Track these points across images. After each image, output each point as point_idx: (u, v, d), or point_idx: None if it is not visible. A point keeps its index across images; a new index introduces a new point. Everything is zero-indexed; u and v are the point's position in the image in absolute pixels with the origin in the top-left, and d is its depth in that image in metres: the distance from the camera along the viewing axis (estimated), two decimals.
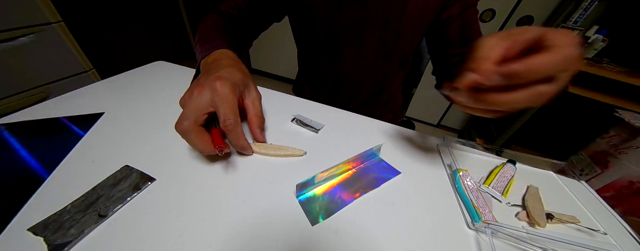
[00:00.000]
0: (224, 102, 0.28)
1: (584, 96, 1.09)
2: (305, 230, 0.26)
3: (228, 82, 0.29)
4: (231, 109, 0.28)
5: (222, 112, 0.28)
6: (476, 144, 0.42)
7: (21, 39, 0.90)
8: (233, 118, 0.28)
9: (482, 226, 0.27)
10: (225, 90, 0.28)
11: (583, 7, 1.21)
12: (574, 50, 0.18)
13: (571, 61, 0.19)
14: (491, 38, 0.21)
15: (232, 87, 0.29)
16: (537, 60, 0.18)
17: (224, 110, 0.28)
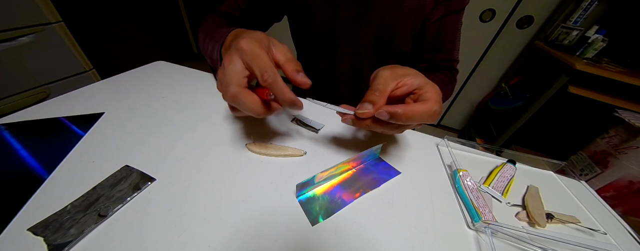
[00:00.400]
0: (254, 57, 0.26)
1: (584, 96, 1.09)
2: (305, 230, 0.26)
3: (252, 40, 0.27)
4: (265, 62, 0.26)
5: (257, 68, 0.26)
6: (476, 144, 0.42)
7: (21, 39, 0.90)
8: (270, 70, 0.26)
9: (482, 226, 0.27)
10: (250, 46, 0.26)
11: (583, 7, 1.21)
12: (439, 108, 0.27)
13: (434, 116, 0.27)
14: (385, 72, 0.30)
15: (258, 43, 0.27)
16: (415, 109, 0.26)
17: (258, 65, 0.26)
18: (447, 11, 0.48)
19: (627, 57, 1.12)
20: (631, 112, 1.00)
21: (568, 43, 1.21)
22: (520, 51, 1.54)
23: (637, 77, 0.98)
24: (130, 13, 1.69)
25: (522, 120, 1.30)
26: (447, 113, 1.97)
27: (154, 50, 1.96)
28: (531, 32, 1.46)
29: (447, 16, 0.48)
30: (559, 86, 1.13)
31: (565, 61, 1.10)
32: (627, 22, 1.15)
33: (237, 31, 0.35)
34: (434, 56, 0.53)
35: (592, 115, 1.24)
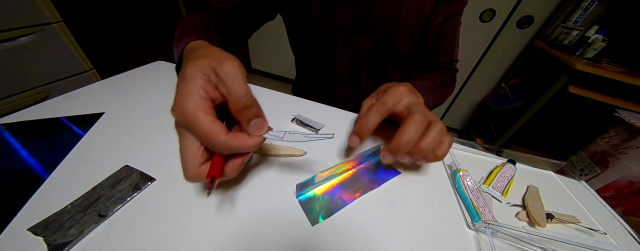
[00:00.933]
0: (194, 130, 0.20)
1: (584, 96, 1.09)
2: (305, 230, 0.26)
3: (183, 104, 0.20)
4: (202, 132, 0.20)
5: (204, 142, 0.21)
6: (476, 144, 0.42)
7: (21, 39, 0.90)
8: (211, 141, 0.20)
9: (482, 226, 0.27)
10: (186, 116, 0.20)
11: (583, 7, 1.21)
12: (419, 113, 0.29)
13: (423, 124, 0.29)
14: (369, 103, 0.36)
15: (192, 103, 0.20)
16: (403, 134, 0.28)
17: (202, 138, 0.21)
18: (448, 14, 0.48)
19: (627, 57, 1.12)
20: (631, 112, 1.00)
21: (568, 43, 1.21)
22: (520, 51, 1.54)
23: (637, 77, 0.98)
24: (130, 13, 1.69)
25: (522, 120, 1.30)
26: (447, 113, 1.97)
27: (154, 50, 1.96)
28: (531, 32, 1.46)
29: (448, 19, 0.48)
30: (559, 86, 1.13)
31: (565, 61, 1.10)
32: (627, 22, 1.15)
33: (186, 56, 0.28)
34: (434, 58, 0.53)
35: (592, 115, 1.24)
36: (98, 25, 1.50)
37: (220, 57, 0.23)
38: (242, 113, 0.22)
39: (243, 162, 0.24)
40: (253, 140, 0.22)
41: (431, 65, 0.54)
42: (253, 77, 2.48)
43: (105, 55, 1.56)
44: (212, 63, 0.22)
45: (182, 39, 0.34)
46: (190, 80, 0.21)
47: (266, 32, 0.58)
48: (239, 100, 0.21)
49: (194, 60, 0.22)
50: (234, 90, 0.21)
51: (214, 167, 0.22)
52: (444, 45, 0.51)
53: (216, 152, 0.22)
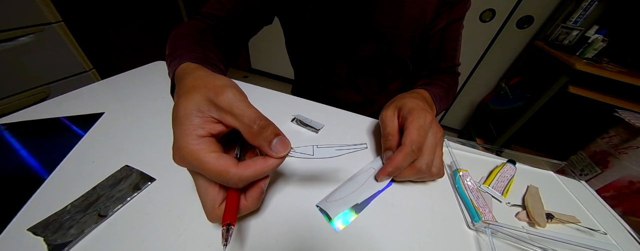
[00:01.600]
0: (205, 172, 0.19)
1: (584, 96, 1.09)
2: (306, 230, 0.26)
3: (183, 147, 0.19)
4: (213, 173, 0.19)
5: (216, 181, 0.20)
6: (476, 144, 0.42)
7: (21, 39, 0.90)
8: (225, 180, 0.19)
9: (482, 226, 0.27)
10: (187, 161, 0.19)
11: (583, 7, 1.21)
12: (414, 150, 0.30)
13: (412, 156, 0.30)
14: (387, 113, 0.35)
15: (189, 145, 0.19)
16: (396, 160, 0.29)
17: (214, 178, 0.20)
18: (450, 20, 0.47)
19: (627, 57, 1.13)
20: (631, 112, 1.00)
21: (568, 43, 1.21)
22: (520, 51, 1.54)
23: (637, 77, 0.98)
24: (131, 13, 1.69)
25: (522, 120, 1.30)
26: (447, 113, 1.97)
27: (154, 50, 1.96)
28: (531, 32, 1.46)
29: (451, 24, 0.48)
30: (559, 86, 1.13)
31: (565, 61, 1.10)
32: (627, 22, 1.15)
33: (177, 83, 0.26)
34: (437, 63, 0.53)
35: (592, 115, 1.24)
36: (98, 25, 1.50)
37: (216, 86, 0.21)
38: (260, 137, 0.20)
39: (262, 191, 0.22)
40: (271, 163, 0.21)
41: (433, 70, 0.54)
42: (253, 77, 2.48)
43: (105, 55, 1.56)
44: (208, 95, 0.20)
45: (174, 58, 0.31)
46: (184, 121, 0.20)
47: (266, 33, 0.58)
48: (252, 124, 0.20)
49: (185, 95, 0.21)
50: (243, 116, 0.20)
51: (228, 209, 0.20)
52: (447, 50, 0.51)
53: (231, 186, 0.20)
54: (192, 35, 0.37)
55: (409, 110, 0.32)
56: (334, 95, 0.63)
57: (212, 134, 0.20)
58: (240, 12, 0.46)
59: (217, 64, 0.34)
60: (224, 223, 0.19)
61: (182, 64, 0.28)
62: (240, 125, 0.20)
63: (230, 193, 0.21)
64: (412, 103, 0.33)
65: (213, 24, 0.44)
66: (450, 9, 0.47)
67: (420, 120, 0.31)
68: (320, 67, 0.59)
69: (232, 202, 0.20)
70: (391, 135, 0.33)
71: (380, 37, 0.49)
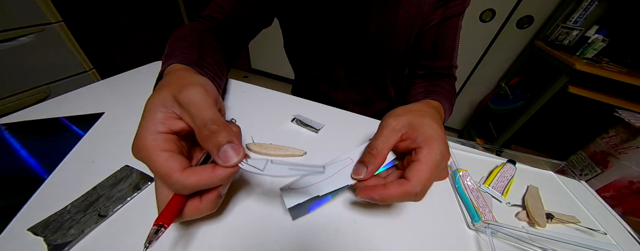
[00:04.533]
0: (152, 170, 0.19)
1: (584, 96, 1.09)
2: (306, 230, 0.26)
3: (139, 139, 0.19)
4: (160, 173, 0.18)
5: (162, 183, 0.19)
6: (476, 144, 0.42)
7: (21, 38, 0.90)
8: (170, 183, 0.18)
9: (482, 226, 0.27)
10: (139, 156, 0.19)
11: (583, 7, 1.21)
12: (422, 188, 0.23)
13: (416, 197, 0.23)
14: (391, 121, 0.27)
15: (145, 140, 0.19)
16: (389, 193, 0.23)
17: (160, 180, 0.19)
18: (445, 15, 0.46)
19: (627, 57, 1.13)
20: (631, 112, 1.00)
21: (568, 43, 1.21)
22: (520, 51, 1.54)
23: (637, 77, 0.98)
24: (131, 13, 1.69)
25: (522, 120, 1.30)
26: None
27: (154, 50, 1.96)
28: (531, 32, 1.46)
29: (446, 20, 0.47)
30: (559, 86, 1.13)
31: (565, 61, 1.10)
32: (627, 22, 1.15)
33: (158, 87, 0.24)
34: (432, 62, 0.51)
35: (592, 115, 1.24)
36: (98, 25, 1.50)
37: (183, 84, 0.21)
38: (208, 141, 0.19)
39: (218, 195, 0.21)
40: (219, 173, 0.19)
41: (430, 70, 0.51)
42: (253, 77, 2.48)
43: (105, 55, 1.56)
44: (173, 92, 0.20)
45: (168, 58, 0.32)
46: (147, 115, 0.20)
47: (266, 33, 0.58)
48: (203, 126, 0.19)
49: (157, 91, 0.21)
50: (198, 116, 0.19)
51: (166, 211, 0.18)
52: (443, 48, 0.49)
53: (175, 191, 0.19)
54: (192, 37, 0.38)
55: (425, 138, 0.25)
56: (333, 96, 0.63)
57: (173, 131, 0.20)
58: (239, 15, 0.47)
59: (210, 67, 0.34)
60: (155, 223, 0.17)
61: (171, 65, 0.29)
62: (193, 125, 0.20)
63: (174, 196, 0.19)
64: (430, 129, 0.25)
65: (213, 26, 0.45)
66: (445, 4, 0.46)
67: (437, 156, 0.24)
68: (318, 68, 0.59)
69: (173, 204, 0.19)
70: (378, 151, 0.26)
71: (377, 37, 0.49)
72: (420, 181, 0.22)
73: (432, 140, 0.24)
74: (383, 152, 0.26)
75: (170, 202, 0.19)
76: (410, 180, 0.23)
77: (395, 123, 0.26)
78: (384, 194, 0.23)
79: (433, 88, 0.46)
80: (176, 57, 0.31)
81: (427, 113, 0.29)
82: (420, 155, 0.24)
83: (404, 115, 0.27)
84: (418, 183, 0.22)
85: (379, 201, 0.23)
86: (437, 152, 0.24)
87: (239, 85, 0.52)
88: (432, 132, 0.25)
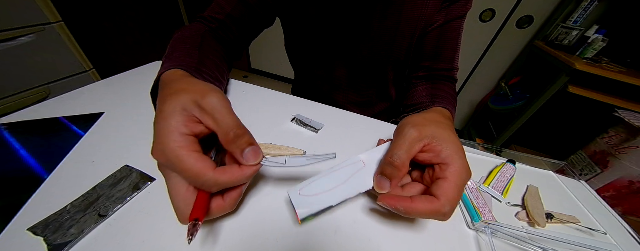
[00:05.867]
0: (180, 170, 0.19)
1: (584, 96, 1.09)
2: (306, 230, 0.26)
3: (165, 142, 0.20)
4: (190, 172, 0.19)
5: (191, 182, 0.21)
6: (476, 144, 0.42)
7: (21, 39, 0.90)
8: (201, 181, 0.20)
9: (482, 226, 0.27)
10: (169, 156, 0.19)
11: (583, 7, 1.21)
12: (450, 208, 0.22)
13: (443, 217, 0.23)
14: (413, 132, 0.25)
15: (174, 142, 0.19)
16: (418, 208, 0.22)
17: (189, 179, 0.20)
18: (449, 17, 0.46)
19: (627, 57, 1.13)
20: (631, 112, 1.00)
21: (568, 43, 1.21)
22: (520, 51, 1.54)
23: (637, 77, 0.98)
24: (131, 13, 1.69)
25: (522, 120, 1.30)
26: None
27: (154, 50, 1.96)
28: (531, 32, 1.46)
29: (450, 22, 0.47)
30: (559, 86, 1.13)
31: (565, 61, 1.10)
32: (627, 22, 1.15)
33: (160, 90, 0.26)
34: (434, 64, 0.50)
35: (592, 115, 1.24)
36: (98, 25, 1.50)
37: (203, 90, 0.22)
38: (234, 144, 0.21)
39: (240, 193, 0.23)
40: (246, 171, 0.21)
41: (431, 72, 0.51)
42: (253, 77, 2.48)
43: (105, 55, 1.56)
44: (194, 97, 0.21)
45: (171, 58, 0.32)
46: (169, 117, 0.20)
47: (266, 33, 0.58)
48: (229, 131, 0.21)
49: (173, 96, 0.22)
50: (223, 121, 0.21)
51: (197, 207, 0.20)
52: (445, 50, 0.49)
53: (205, 190, 0.21)
54: (193, 39, 0.38)
55: (451, 154, 0.24)
56: (333, 97, 0.63)
57: (195, 134, 0.21)
58: (240, 15, 0.46)
59: (210, 72, 0.35)
60: (191, 218, 0.19)
61: (172, 69, 0.29)
62: (219, 129, 0.21)
63: (201, 193, 0.21)
64: (455, 146, 0.25)
65: (214, 26, 0.45)
66: (449, 6, 0.46)
67: (464, 175, 0.24)
68: (319, 69, 0.59)
69: (202, 200, 0.20)
70: (402, 163, 0.24)
71: (379, 38, 0.49)
72: (449, 201, 0.22)
73: (459, 157, 0.24)
74: (406, 164, 0.25)
75: (199, 199, 0.20)
76: (440, 198, 0.22)
77: (418, 134, 0.25)
78: (411, 208, 0.22)
79: (437, 93, 0.46)
80: (176, 60, 0.31)
81: (448, 127, 0.28)
82: (448, 173, 0.23)
83: (427, 126, 0.26)
84: (447, 203, 0.22)
85: (403, 214, 0.23)
86: (464, 170, 0.24)
87: (239, 85, 0.52)
88: (457, 148, 0.25)
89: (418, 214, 0.23)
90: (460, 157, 0.24)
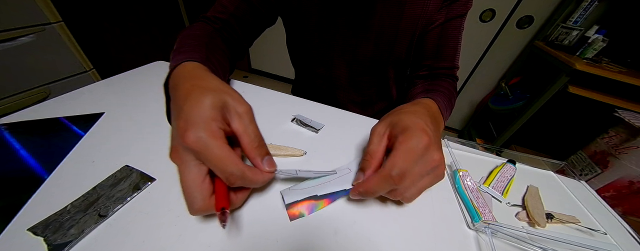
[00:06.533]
0: (210, 157, 0.20)
1: (584, 96, 1.09)
2: (306, 230, 0.26)
3: (200, 127, 0.20)
4: (223, 161, 0.20)
5: (220, 171, 0.21)
6: (476, 144, 0.42)
7: (21, 38, 0.90)
8: (232, 169, 0.21)
9: (482, 226, 0.27)
10: (202, 142, 0.20)
11: (583, 7, 1.21)
12: (395, 176, 0.24)
13: (392, 183, 0.24)
14: (379, 127, 0.29)
15: (208, 130, 0.21)
16: (368, 184, 0.25)
17: (221, 168, 0.21)
18: (449, 16, 0.46)
19: (627, 57, 1.13)
20: (631, 112, 1.00)
21: (568, 43, 1.21)
22: (520, 51, 1.54)
23: (637, 77, 0.98)
24: (131, 13, 1.69)
25: (522, 120, 1.30)
26: None
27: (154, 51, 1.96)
28: (531, 32, 1.46)
29: (450, 21, 0.47)
30: (559, 86, 1.13)
31: (565, 61, 1.10)
32: (627, 22, 1.15)
33: (178, 79, 0.27)
34: (435, 62, 0.50)
35: (592, 115, 1.24)
36: (98, 25, 1.50)
37: (231, 92, 0.24)
38: (256, 151, 0.24)
39: (249, 193, 0.26)
40: (266, 176, 0.24)
41: (431, 70, 0.51)
42: (253, 77, 2.48)
43: (105, 55, 1.56)
44: (228, 100, 0.23)
45: (180, 52, 0.33)
46: (207, 108, 0.21)
47: (266, 33, 0.58)
48: (255, 138, 0.24)
49: (203, 90, 0.23)
50: (251, 129, 0.23)
51: (222, 197, 0.21)
52: (446, 49, 0.49)
53: (228, 181, 0.21)
54: (201, 37, 0.39)
55: (402, 128, 0.26)
56: (334, 96, 0.63)
57: (224, 131, 0.22)
58: (243, 15, 0.47)
59: (215, 70, 0.35)
60: (218, 208, 0.20)
61: (191, 61, 0.30)
62: (246, 134, 0.23)
63: (220, 182, 0.22)
64: (408, 121, 0.27)
65: (218, 26, 0.45)
66: (450, 4, 0.46)
67: (412, 142, 0.25)
68: (320, 67, 0.59)
69: (224, 191, 0.22)
70: (371, 155, 0.28)
71: (380, 36, 0.49)
72: (394, 164, 0.24)
73: (407, 129, 0.26)
74: (377, 156, 0.28)
75: (221, 191, 0.22)
76: (385, 166, 0.25)
77: (380, 128, 0.29)
78: (366, 185, 0.25)
79: (432, 87, 0.46)
80: (187, 53, 0.32)
81: (407, 109, 0.31)
82: (397, 143, 0.26)
83: (386, 118, 0.30)
84: (392, 167, 0.24)
85: (366, 194, 0.26)
86: (413, 137, 0.25)
87: (239, 85, 0.52)
88: (409, 122, 0.27)
89: (373, 187, 0.25)
90: (410, 128, 0.26)
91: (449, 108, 0.43)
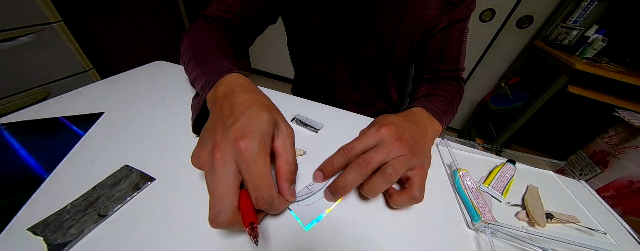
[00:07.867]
0: (254, 171, 0.20)
1: (584, 96, 1.09)
2: (304, 231, 0.26)
3: (256, 137, 0.21)
4: (264, 180, 0.21)
5: (254, 188, 0.21)
6: (476, 144, 0.42)
7: (21, 38, 0.91)
8: (267, 193, 0.21)
9: (482, 226, 0.27)
10: (253, 152, 0.20)
11: (583, 7, 1.21)
12: (417, 195, 0.27)
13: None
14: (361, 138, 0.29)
15: (262, 142, 0.21)
16: (399, 201, 0.28)
17: (258, 185, 0.20)
18: (452, 19, 0.46)
19: (627, 57, 1.13)
20: (631, 112, 1.00)
21: (568, 43, 1.21)
22: (520, 51, 1.54)
23: (637, 77, 0.98)
24: (130, 13, 1.69)
25: (522, 120, 1.30)
26: None
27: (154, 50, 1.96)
28: (531, 32, 1.46)
29: (454, 24, 0.47)
30: (559, 86, 1.13)
31: (565, 61, 1.10)
32: (627, 22, 1.15)
33: (233, 87, 0.27)
34: (438, 65, 0.50)
35: (592, 115, 1.24)
36: (98, 25, 1.50)
37: (283, 118, 0.26)
38: (289, 175, 0.24)
39: (264, 216, 0.26)
40: (285, 206, 0.24)
41: (436, 73, 0.51)
42: (253, 77, 2.47)
43: (105, 55, 1.56)
44: (279, 120, 0.24)
45: (206, 59, 0.34)
46: (265, 123, 0.22)
47: (266, 33, 0.58)
48: (292, 162, 0.24)
49: (266, 106, 0.24)
50: (291, 152, 0.24)
51: (250, 211, 0.20)
52: (449, 52, 0.49)
53: (256, 201, 0.21)
54: (214, 41, 0.40)
55: (373, 123, 0.30)
56: (334, 96, 0.63)
57: None
58: (248, 14, 0.46)
59: None
60: (246, 224, 0.19)
61: (235, 72, 0.30)
62: (285, 156, 0.24)
63: (247, 197, 0.21)
64: (387, 119, 0.30)
65: (222, 27, 0.45)
66: (452, 8, 0.45)
67: (368, 129, 0.29)
68: (320, 67, 0.59)
69: (251, 206, 0.21)
70: (348, 147, 0.29)
71: (381, 38, 0.49)
72: (417, 188, 0.27)
73: (375, 123, 0.29)
74: (357, 148, 0.29)
75: (248, 205, 0.21)
76: (412, 188, 0.27)
77: (364, 130, 0.31)
78: (397, 201, 0.28)
79: (433, 92, 0.46)
80: (224, 61, 0.34)
81: (389, 115, 0.32)
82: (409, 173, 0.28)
83: (371, 126, 0.31)
84: (416, 190, 0.27)
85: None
86: (370, 127, 0.29)
87: None
88: (387, 120, 0.29)
89: (403, 204, 0.28)
90: (384, 124, 0.28)
91: (449, 112, 0.43)
